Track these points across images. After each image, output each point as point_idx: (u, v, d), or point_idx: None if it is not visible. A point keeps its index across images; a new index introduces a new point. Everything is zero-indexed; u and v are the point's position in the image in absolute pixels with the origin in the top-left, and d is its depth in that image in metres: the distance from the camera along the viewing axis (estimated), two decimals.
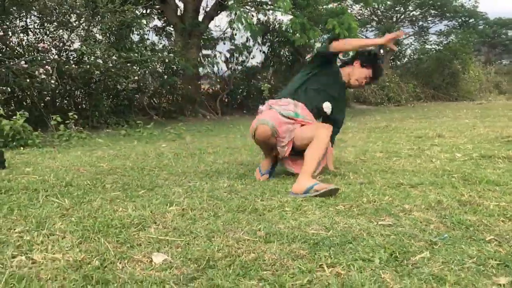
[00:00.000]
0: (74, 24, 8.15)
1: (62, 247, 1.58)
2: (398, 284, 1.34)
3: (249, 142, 5.43)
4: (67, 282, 1.31)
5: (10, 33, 7.74)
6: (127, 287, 1.30)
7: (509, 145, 4.71)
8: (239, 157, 3.97)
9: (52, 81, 6.72)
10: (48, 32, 8.10)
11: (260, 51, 13.30)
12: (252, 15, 12.40)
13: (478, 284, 1.33)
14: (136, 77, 8.30)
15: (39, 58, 7.09)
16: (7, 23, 7.66)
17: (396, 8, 20.87)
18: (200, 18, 11.76)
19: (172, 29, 12.10)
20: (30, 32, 8.12)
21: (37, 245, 1.60)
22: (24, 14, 7.93)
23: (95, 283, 1.31)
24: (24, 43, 8.03)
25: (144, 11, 12.14)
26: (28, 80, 6.60)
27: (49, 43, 7.89)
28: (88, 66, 7.44)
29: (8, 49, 7.56)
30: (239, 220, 1.99)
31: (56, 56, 7.66)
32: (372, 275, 1.41)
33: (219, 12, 11.54)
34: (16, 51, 7.72)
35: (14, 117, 5.13)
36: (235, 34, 12.53)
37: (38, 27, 8.16)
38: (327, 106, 3.16)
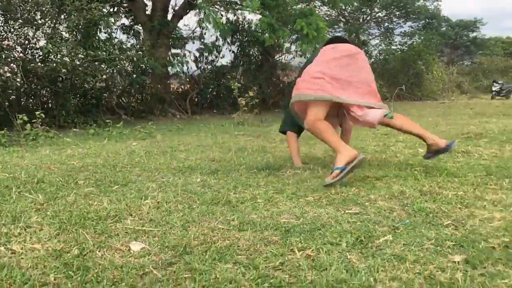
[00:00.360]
0: (40, 22, 7.98)
1: (41, 238, 1.61)
2: (363, 264, 1.45)
3: (220, 140, 5.51)
4: (48, 270, 1.35)
5: None
6: (107, 272, 1.35)
7: (469, 141, 4.97)
8: (211, 154, 4.03)
9: (17, 80, 6.57)
10: (12, 30, 7.90)
11: (230, 50, 13.37)
12: (222, 15, 12.46)
13: (435, 262, 1.45)
14: (104, 76, 8.20)
15: (3, 56, 6.92)
16: None
17: (363, 10, 21.38)
18: (169, 17, 11.71)
19: (140, 27, 11.99)
20: None
21: (15, 237, 1.62)
22: None
23: (76, 269, 1.36)
24: None
25: (112, 9, 12.00)
26: None
27: (13, 41, 7.69)
28: (54, 65, 7.31)
29: None
30: (213, 211, 2.06)
31: (21, 54, 7.48)
32: (339, 256, 1.51)
33: (188, 11, 11.53)
34: None
35: None
36: (205, 34, 12.56)
37: (2, 24, 7.94)
38: None
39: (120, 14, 12.50)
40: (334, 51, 3.11)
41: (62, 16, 8.10)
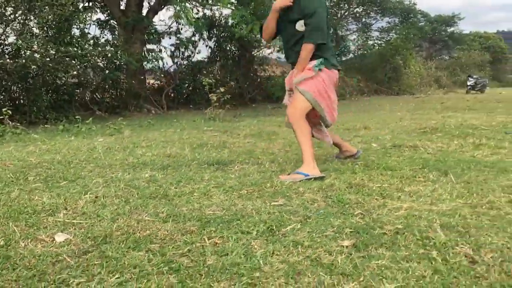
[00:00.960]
0: (10, 18, 7.96)
1: None
2: (263, 249, 1.62)
3: (185, 136, 5.63)
4: None
5: None
6: (25, 260, 1.48)
7: (422, 136, 5.19)
8: (169, 150, 4.16)
9: None
10: None
11: (206, 46, 13.44)
12: (198, 10, 12.52)
13: (326, 246, 1.62)
14: (75, 72, 8.22)
15: None
16: None
17: (340, 5, 21.60)
18: (144, 12, 11.73)
19: (115, 23, 11.98)
20: None
21: None
22: None
23: None
24: None
25: (86, 4, 11.96)
26: None
27: None
28: (24, 61, 7.32)
29: None
30: (147, 204, 2.21)
31: None
32: (244, 243, 1.67)
33: (163, 6, 11.55)
34: None
35: None
36: (181, 29, 12.60)
37: None
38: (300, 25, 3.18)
39: (96, 9, 12.48)
40: None
41: (33, 12, 8.08)
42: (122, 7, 11.47)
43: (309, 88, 3.11)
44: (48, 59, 7.68)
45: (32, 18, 8.22)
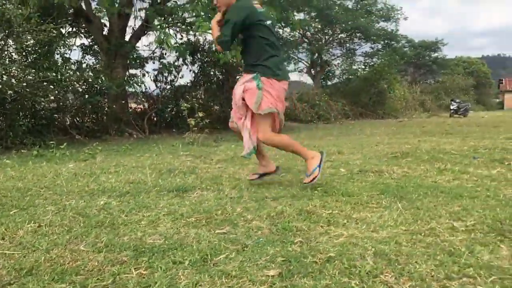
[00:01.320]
0: None
1: None
2: (188, 280, 1.61)
3: (158, 161, 5.62)
4: None
5: None
6: None
7: (392, 160, 5.24)
8: (133, 176, 4.14)
9: None
10: None
11: (190, 70, 13.56)
12: (182, 36, 12.68)
13: (251, 276, 1.62)
14: (52, 97, 8.22)
15: None
16: None
17: (325, 31, 22.05)
18: (128, 37, 11.86)
19: (98, 48, 12.09)
20: None
21: None
22: None
23: None
24: None
25: (70, 29, 12.09)
26: None
27: None
28: (0, 86, 7.31)
29: None
30: (89, 234, 2.19)
31: None
32: (172, 274, 1.66)
33: (145, 32, 11.70)
34: None
35: None
36: (165, 54, 12.73)
37: None
38: None
39: (80, 34, 12.59)
40: None
41: (11, 38, 8.13)
42: (105, 33, 11.58)
43: (266, 105, 3.22)
44: (25, 84, 7.68)
45: (11, 43, 8.26)
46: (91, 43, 12.70)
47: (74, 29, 12.29)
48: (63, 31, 11.26)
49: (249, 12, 3.26)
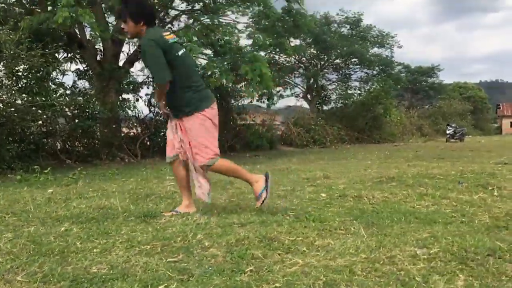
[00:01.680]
0: None
1: None
2: None
3: (139, 186, 5.54)
4: None
5: None
6: None
7: (376, 185, 5.13)
8: (106, 201, 4.05)
9: None
10: None
11: None
12: None
13: None
14: (40, 122, 8.21)
15: None
16: None
17: (321, 56, 22.27)
18: (121, 63, 11.96)
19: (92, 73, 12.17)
20: None
21: None
22: None
23: None
24: None
25: (66, 55, 12.20)
26: None
27: None
28: None
29: None
30: (33, 263, 2.09)
31: None
32: None
33: (139, 57, 11.78)
34: None
35: None
36: None
37: None
38: None
39: (76, 59, 12.70)
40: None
41: (2, 63, 8.18)
42: (98, 58, 11.68)
43: (207, 157, 3.38)
44: (12, 109, 7.67)
45: (1, 67, 8.31)
46: (85, 68, 12.80)
47: (69, 55, 12.41)
48: (58, 56, 11.37)
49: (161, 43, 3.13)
